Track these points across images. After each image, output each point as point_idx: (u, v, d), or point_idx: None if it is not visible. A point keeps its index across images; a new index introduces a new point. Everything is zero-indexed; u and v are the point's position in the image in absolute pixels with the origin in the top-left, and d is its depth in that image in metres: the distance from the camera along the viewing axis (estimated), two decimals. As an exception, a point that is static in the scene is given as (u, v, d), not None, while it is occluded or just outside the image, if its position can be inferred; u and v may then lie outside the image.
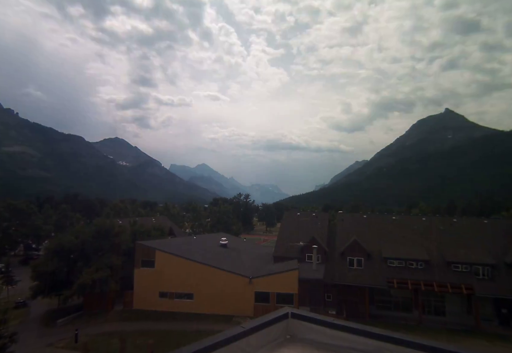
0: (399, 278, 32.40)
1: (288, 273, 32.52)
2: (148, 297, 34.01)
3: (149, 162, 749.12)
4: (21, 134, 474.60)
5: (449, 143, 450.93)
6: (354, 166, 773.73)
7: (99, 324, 30.76)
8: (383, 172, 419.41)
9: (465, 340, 27.62)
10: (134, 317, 31.96)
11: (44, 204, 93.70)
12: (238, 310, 31.80)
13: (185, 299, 33.71)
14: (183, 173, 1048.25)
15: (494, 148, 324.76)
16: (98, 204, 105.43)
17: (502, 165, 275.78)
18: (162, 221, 64.71)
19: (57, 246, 35.11)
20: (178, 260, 34.62)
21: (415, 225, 38.59)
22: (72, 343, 26.48)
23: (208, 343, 2.57)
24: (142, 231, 46.65)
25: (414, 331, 28.93)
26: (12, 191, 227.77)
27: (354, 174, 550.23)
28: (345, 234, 38.17)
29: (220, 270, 33.68)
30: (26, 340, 26.14)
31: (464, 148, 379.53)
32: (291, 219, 44.43)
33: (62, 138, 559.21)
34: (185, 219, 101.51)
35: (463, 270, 32.21)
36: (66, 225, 79.11)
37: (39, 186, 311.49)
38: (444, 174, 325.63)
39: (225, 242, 44.95)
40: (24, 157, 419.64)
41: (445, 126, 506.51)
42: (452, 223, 38.12)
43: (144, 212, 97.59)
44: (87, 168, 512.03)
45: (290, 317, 3.42)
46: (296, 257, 36.52)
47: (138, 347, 24.57)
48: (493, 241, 34.62)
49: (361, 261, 34.78)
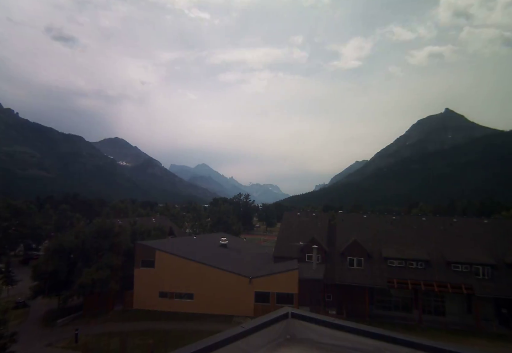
0: (399, 278, 32.39)
1: (288, 273, 32.51)
2: (148, 297, 34.02)
3: (149, 162, 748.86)
4: (21, 134, 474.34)
5: (449, 143, 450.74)
6: (354, 166, 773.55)
7: (99, 324, 30.75)
8: (383, 172, 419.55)
9: (465, 340, 27.61)
10: (134, 317, 31.96)
11: (44, 204, 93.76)
12: (238, 310, 31.79)
13: (185, 299, 33.71)
14: (183, 173, 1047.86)
15: (494, 148, 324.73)
16: (98, 204, 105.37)
17: (502, 165, 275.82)
18: (162, 221, 64.74)
19: (57, 246, 35.09)
20: (178, 260, 34.62)
21: (415, 225, 38.61)
22: (72, 343, 26.48)
23: (208, 343, 2.57)
24: (142, 231, 46.64)
25: (414, 331, 28.93)
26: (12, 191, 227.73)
27: (354, 174, 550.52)
28: (345, 234, 38.18)
29: (220, 270, 33.68)
30: (26, 340, 26.13)
31: (464, 148, 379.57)
32: (291, 219, 44.44)
33: (62, 138, 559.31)
34: (185, 219, 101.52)
35: (463, 270, 32.20)
36: (66, 225, 79.10)
37: (39, 186, 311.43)
38: (444, 175, 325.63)
39: (225, 242, 44.97)
40: (24, 157, 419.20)
41: (445, 126, 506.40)
42: (452, 223, 38.13)
43: (144, 212, 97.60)
44: (87, 168, 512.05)
45: (290, 317, 3.42)
46: (296, 257, 36.51)
47: (138, 347, 24.58)
48: (493, 241, 34.62)
49: (361, 261, 34.77)
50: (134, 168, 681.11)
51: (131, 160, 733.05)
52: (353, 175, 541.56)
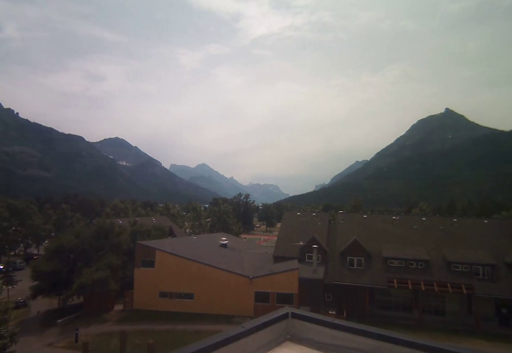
0: (399, 278, 32.38)
1: (288, 273, 32.51)
2: (148, 297, 34.02)
3: (149, 162, 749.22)
4: (21, 134, 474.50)
5: (449, 143, 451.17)
6: (354, 166, 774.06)
7: (99, 324, 30.77)
8: (383, 172, 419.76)
9: (465, 340, 27.61)
10: (134, 317, 31.97)
11: (44, 204, 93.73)
12: (238, 310, 31.78)
13: (185, 299, 33.70)
14: (183, 173, 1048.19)
15: (494, 148, 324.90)
16: (98, 204, 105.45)
17: (502, 165, 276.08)
18: (162, 221, 64.69)
19: (57, 246, 35.11)
20: (178, 260, 34.63)
21: (415, 225, 38.59)
22: (72, 343, 26.50)
23: (208, 343, 2.57)
24: (142, 231, 46.67)
25: (414, 331, 28.92)
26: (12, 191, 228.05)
27: (354, 174, 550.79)
28: (345, 234, 38.18)
29: (220, 270, 33.68)
30: (26, 340, 26.13)
31: (464, 148, 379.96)
32: (291, 219, 44.42)
33: (62, 138, 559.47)
34: (185, 219, 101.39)
35: (463, 270, 32.20)
36: (66, 225, 79.12)
37: (39, 186, 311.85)
38: (444, 174, 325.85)
39: (225, 242, 44.97)
40: (24, 157, 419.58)
41: (445, 126, 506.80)
42: (452, 223, 38.12)
43: (144, 212, 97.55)
44: (87, 168, 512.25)
45: (290, 317, 3.42)
46: (296, 257, 36.51)
47: (138, 347, 24.56)
48: (493, 241, 34.62)
49: (361, 261, 34.76)
50: (134, 168, 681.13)
51: (131, 160, 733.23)
52: (353, 175, 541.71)
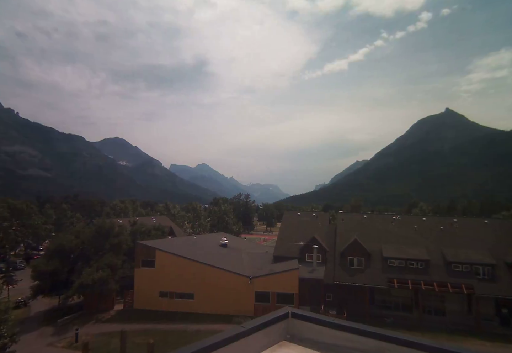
0: (400, 278, 32.38)
1: (288, 273, 32.53)
2: (149, 297, 34.05)
3: (149, 162, 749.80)
4: (21, 134, 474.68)
5: (449, 143, 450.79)
6: (354, 166, 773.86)
7: (99, 324, 30.80)
8: (383, 172, 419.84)
9: (465, 340, 27.60)
10: (134, 317, 31.97)
11: (44, 203, 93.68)
12: (238, 310, 31.77)
13: (185, 298, 33.72)
14: (183, 173, 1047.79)
15: (494, 148, 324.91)
16: (98, 204, 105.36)
17: (502, 165, 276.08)
18: (162, 220, 64.69)
19: (57, 246, 35.14)
20: (178, 260, 34.64)
21: (415, 225, 38.59)
22: (72, 343, 26.52)
23: (208, 343, 2.57)
24: (142, 230, 46.67)
25: (414, 331, 28.91)
26: (12, 191, 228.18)
27: (354, 174, 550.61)
28: (345, 234, 38.16)
29: (221, 270, 33.70)
30: (26, 339, 26.15)
31: (464, 148, 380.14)
32: (291, 219, 44.42)
33: (62, 138, 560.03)
34: (185, 218, 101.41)
35: (463, 270, 32.19)
36: (66, 225, 79.17)
37: (39, 186, 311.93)
38: (444, 175, 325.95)
39: (225, 242, 44.97)
40: (24, 157, 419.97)
41: (446, 126, 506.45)
42: (452, 223, 38.11)
43: (144, 212, 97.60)
44: (87, 168, 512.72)
45: (290, 317, 3.42)
46: (296, 257, 36.50)
47: (138, 347, 24.57)
48: (493, 241, 34.62)
49: (361, 261, 34.75)
50: (134, 168, 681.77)
51: (131, 160, 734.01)
52: (353, 175, 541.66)
